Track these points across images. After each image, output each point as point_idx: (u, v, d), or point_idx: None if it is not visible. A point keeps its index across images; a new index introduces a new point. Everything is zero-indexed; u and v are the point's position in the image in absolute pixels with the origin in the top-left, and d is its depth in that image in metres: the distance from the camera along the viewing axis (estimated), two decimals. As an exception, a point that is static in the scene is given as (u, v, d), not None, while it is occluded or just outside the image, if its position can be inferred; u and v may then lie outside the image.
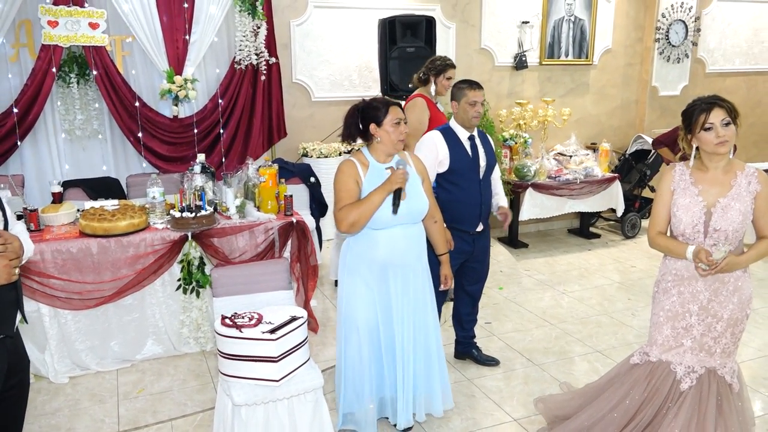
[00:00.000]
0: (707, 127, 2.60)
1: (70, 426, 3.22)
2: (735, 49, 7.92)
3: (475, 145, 3.59)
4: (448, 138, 3.55)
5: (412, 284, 3.05)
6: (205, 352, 3.98)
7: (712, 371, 2.76)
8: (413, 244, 3.04)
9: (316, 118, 6.20)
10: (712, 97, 2.68)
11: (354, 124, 2.97)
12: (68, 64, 5.25)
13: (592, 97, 7.38)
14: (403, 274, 3.01)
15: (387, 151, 2.99)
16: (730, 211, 2.62)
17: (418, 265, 3.08)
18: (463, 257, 3.64)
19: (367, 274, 2.99)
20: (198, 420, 3.30)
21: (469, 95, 3.52)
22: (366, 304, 3.01)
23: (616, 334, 4.49)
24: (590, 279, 5.67)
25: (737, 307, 2.71)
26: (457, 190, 3.52)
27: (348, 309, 3.05)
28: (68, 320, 3.66)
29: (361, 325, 3.01)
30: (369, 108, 2.95)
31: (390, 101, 2.99)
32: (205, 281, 3.83)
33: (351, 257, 3.03)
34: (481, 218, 3.62)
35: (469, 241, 3.62)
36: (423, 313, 3.11)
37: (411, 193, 2.98)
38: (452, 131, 3.58)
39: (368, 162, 2.98)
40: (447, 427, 3.36)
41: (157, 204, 3.89)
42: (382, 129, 2.92)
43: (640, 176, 6.91)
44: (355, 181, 2.94)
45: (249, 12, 5.49)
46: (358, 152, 3.04)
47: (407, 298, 3.03)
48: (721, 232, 2.62)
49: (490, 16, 6.66)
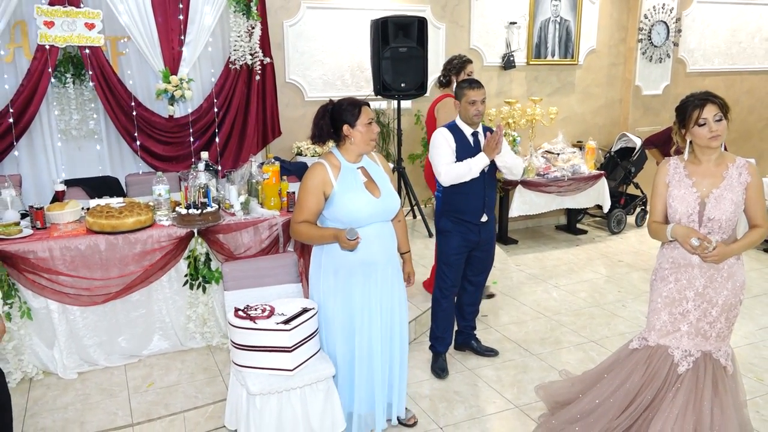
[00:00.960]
0: (701, 123, 2.75)
1: (84, 419, 3.27)
2: (714, 50, 8.16)
3: (478, 141, 3.72)
4: (454, 133, 3.70)
5: (389, 284, 3.07)
6: (211, 346, 4.04)
7: (708, 354, 2.90)
8: (386, 243, 3.05)
9: (309, 118, 6.14)
10: (705, 93, 2.83)
11: (325, 126, 2.96)
12: (64, 64, 5.27)
13: (577, 96, 7.55)
14: (376, 272, 3.02)
15: (359, 151, 3.00)
16: (723, 201, 2.76)
17: (390, 264, 3.09)
18: (470, 246, 3.79)
19: (344, 275, 2.99)
20: (210, 411, 3.37)
21: (469, 95, 3.65)
22: (342, 305, 3.02)
23: (609, 325, 4.63)
24: (579, 273, 5.82)
25: (731, 293, 2.85)
26: (462, 183, 3.65)
27: (324, 310, 3.05)
28: (76, 316, 3.70)
29: (336, 325, 3.04)
30: (340, 109, 2.95)
31: (361, 101, 2.99)
32: (212, 277, 3.89)
33: (325, 257, 3.02)
34: (485, 209, 3.75)
35: (475, 231, 3.76)
36: (391, 311, 3.11)
37: (384, 191, 3.02)
38: (458, 128, 3.73)
39: (339, 163, 2.98)
40: (452, 415, 3.46)
41: (162, 201, 3.94)
42: (355, 130, 2.93)
43: (625, 173, 7.08)
44: (322, 193, 2.93)
45: (243, 12, 5.54)
46: (328, 154, 3.02)
47: (384, 299, 3.06)
48: (714, 221, 2.77)
49: (479, 17, 6.80)
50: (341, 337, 3.06)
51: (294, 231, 2.99)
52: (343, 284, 3.01)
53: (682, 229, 2.77)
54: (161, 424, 3.26)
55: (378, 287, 3.04)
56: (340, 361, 3.07)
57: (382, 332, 3.09)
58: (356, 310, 3.03)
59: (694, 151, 2.86)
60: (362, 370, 3.07)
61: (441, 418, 3.43)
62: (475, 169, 3.60)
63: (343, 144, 2.99)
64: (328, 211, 2.98)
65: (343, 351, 3.07)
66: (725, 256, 2.76)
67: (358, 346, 3.05)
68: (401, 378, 3.24)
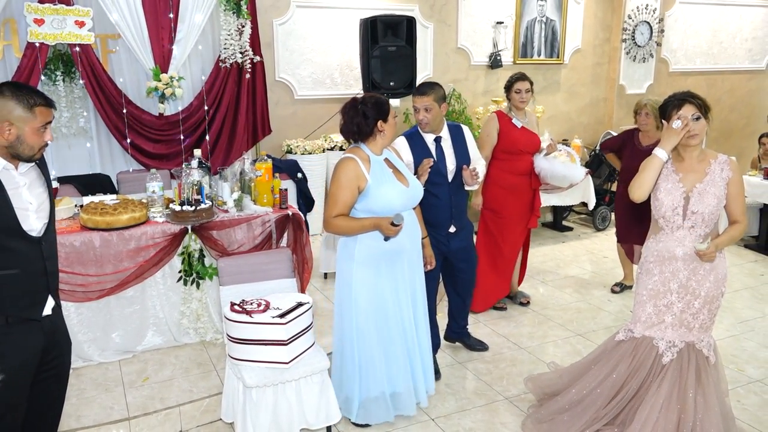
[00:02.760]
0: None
1: (80, 413, 3.31)
2: (696, 50, 8.31)
3: (441, 148, 3.60)
4: (412, 143, 3.57)
5: (415, 268, 3.23)
6: (205, 341, 4.08)
7: (691, 345, 3.00)
8: (413, 230, 3.20)
9: (299, 116, 6.32)
10: (685, 93, 2.95)
11: (362, 123, 3.03)
12: (54, 62, 5.28)
13: (563, 95, 7.66)
14: (402, 260, 3.15)
15: (387, 144, 3.15)
16: (706, 196, 2.86)
17: (415, 250, 3.25)
18: (441, 256, 3.67)
19: (376, 264, 3.10)
20: (205, 405, 3.41)
21: (413, 101, 3.57)
22: (376, 293, 3.11)
23: (595, 319, 4.73)
24: (565, 269, 5.92)
25: (713, 285, 2.95)
26: (427, 193, 3.39)
27: (357, 298, 3.12)
28: (71, 312, 3.72)
29: (371, 314, 3.12)
30: (377, 104, 3.05)
31: (384, 98, 3.13)
32: (205, 273, 3.94)
33: (360, 248, 3.08)
34: (453, 220, 3.65)
35: (444, 241, 3.66)
36: (416, 295, 3.26)
37: (410, 180, 3.17)
38: (419, 135, 3.60)
39: (368, 156, 3.07)
40: (443, 407, 3.53)
41: (156, 198, 3.97)
42: (388, 124, 3.07)
43: (609, 171, 7.19)
44: (357, 187, 3.00)
45: (234, 11, 5.58)
46: (355, 148, 3.10)
47: (412, 283, 3.20)
48: (698, 215, 2.87)
49: (466, 16, 6.88)
50: (374, 323, 3.14)
51: (330, 225, 3.03)
52: (374, 272, 3.10)
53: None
54: (157, 417, 3.31)
55: (405, 273, 3.16)
56: (377, 347, 3.15)
57: (415, 315, 3.22)
58: (388, 296, 3.13)
59: (677, 149, 2.96)
60: (397, 352, 3.18)
61: (432, 410, 3.50)
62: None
63: (373, 138, 3.08)
64: (361, 204, 3.05)
65: (378, 336, 3.15)
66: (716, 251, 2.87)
67: (395, 330, 3.15)
68: (429, 359, 3.38)
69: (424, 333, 3.34)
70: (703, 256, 2.84)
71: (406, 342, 3.21)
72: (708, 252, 2.82)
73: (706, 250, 2.81)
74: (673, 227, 2.94)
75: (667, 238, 2.96)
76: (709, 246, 2.82)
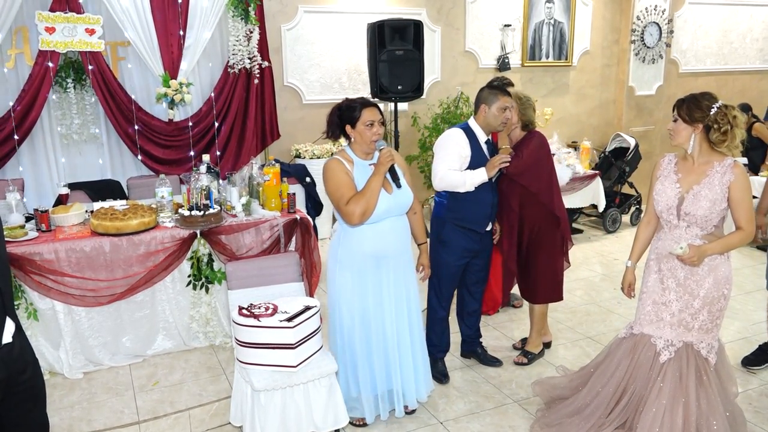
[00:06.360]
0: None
1: (91, 417, 3.33)
2: (706, 50, 8.27)
3: (490, 148, 3.65)
4: (470, 137, 3.55)
5: (402, 274, 3.20)
6: (214, 346, 4.11)
7: (690, 345, 2.96)
8: (400, 236, 3.18)
9: (307, 120, 6.36)
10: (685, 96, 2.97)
11: (335, 124, 3.11)
12: (65, 69, 5.35)
13: (571, 97, 7.65)
14: (388, 264, 3.14)
15: (363, 150, 3.12)
16: (700, 198, 2.84)
17: (404, 256, 3.22)
18: (470, 255, 3.69)
19: (359, 267, 3.11)
20: (214, 409, 3.43)
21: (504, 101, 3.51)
22: (358, 295, 3.13)
23: (605, 321, 4.71)
24: (576, 271, 5.89)
25: (713, 287, 2.92)
26: (469, 193, 3.48)
27: (342, 301, 3.16)
28: (82, 317, 3.76)
29: (355, 315, 3.14)
30: (347, 108, 3.07)
31: (366, 102, 3.07)
32: (214, 277, 3.96)
33: (342, 251, 3.14)
34: (491, 218, 3.70)
35: (477, 240, 3.66)
36: (408, 302, 3.24)
37: (394, 188, 3.11)
38: (472, 132, 3.58)
39: (352, 159, 3.11)
40: (452, 410, 3.53)
41: (165, 203, 4.01)
42: (355, 130, 3.06)
43: (619, 173, 7.17)
44: (347, 173, 3.05)
45: (242, 17, 5.63)
46: (341, 151, 3.16)
47: (397, 288, 3.18)
48: (691, 216, 2.86)
49: (474, 19, 6.89)
50: (360, 325, 3.16)
51: (349, 212, 2.98)
52: (359, 275, 3.12)
53: (629, 275, 3.19)
54: (167, 421, 3.33)
55: (390, 278, 3.15)
56: (359, 348, 3.17)
57: (398, 319, 3.21)
58: (369, 299, 3.14)
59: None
60: (379, 354, 3.19)
61: (441, 413, 3.50)
62: (469, 183, 3.47)
63: (353, 142, 3.12)
64: None
65: (362, 338, 3.17)
66: (702, 256, 2.83)
67: (374, 332, 3.17)
68: (424, 360, 3.37)
69: (417, 337, 3.30)
70: (685, 261, 2.82)
71: (386, 347, 3.20)
72: (687, 257, 2.79)
73: (683, 255, 2.78)
74: (670, 226, 2.95)
75: (666, 236, 2.97)
76: (687, 250, 2.78)
